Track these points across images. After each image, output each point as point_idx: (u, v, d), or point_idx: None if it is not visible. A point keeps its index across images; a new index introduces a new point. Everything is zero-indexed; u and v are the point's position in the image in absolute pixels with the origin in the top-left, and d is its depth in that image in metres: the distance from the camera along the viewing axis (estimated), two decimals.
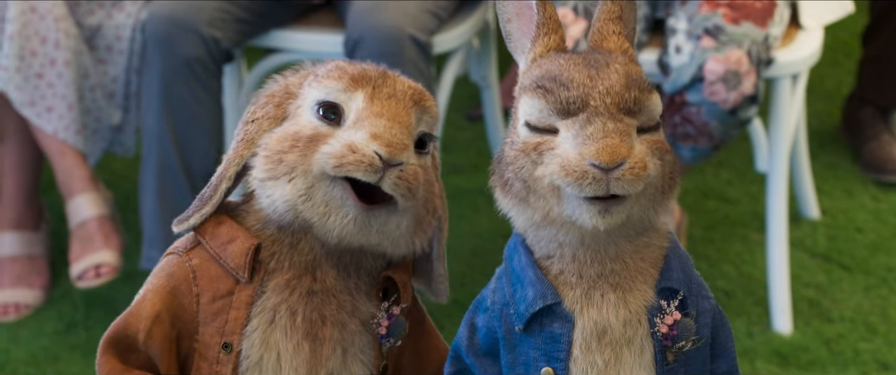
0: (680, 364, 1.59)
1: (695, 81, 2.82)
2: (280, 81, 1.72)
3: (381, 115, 1.61)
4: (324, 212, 1.60)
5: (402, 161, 1.59)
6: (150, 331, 1.65)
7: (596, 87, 1.54)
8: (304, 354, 1.67)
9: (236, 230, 1.66)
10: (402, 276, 1.71)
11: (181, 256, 1.69)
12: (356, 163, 1.57)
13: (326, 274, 1.67)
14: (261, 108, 1.70)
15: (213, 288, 1.66)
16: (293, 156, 1.61)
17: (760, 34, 2.84)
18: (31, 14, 3.01)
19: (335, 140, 1.60)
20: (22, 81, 3.02)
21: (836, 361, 2.92)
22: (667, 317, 1.57)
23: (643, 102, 1.56)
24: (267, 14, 3.08)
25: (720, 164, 3.70)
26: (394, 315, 1.69)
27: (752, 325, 3.03)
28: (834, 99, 4.01)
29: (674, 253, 1.62)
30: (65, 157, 3.09)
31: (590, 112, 1.52)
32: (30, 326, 3.10)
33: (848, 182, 3.60)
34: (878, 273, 3.22)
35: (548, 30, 1.62)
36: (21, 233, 3.22)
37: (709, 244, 3.35)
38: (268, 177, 1.62)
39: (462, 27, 3.11)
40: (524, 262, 1.61)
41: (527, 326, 1.60)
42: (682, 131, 2.89)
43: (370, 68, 1.67)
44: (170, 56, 2.94)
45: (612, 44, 1.62)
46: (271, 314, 1.66)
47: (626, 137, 1.52)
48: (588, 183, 1.49)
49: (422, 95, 1.66)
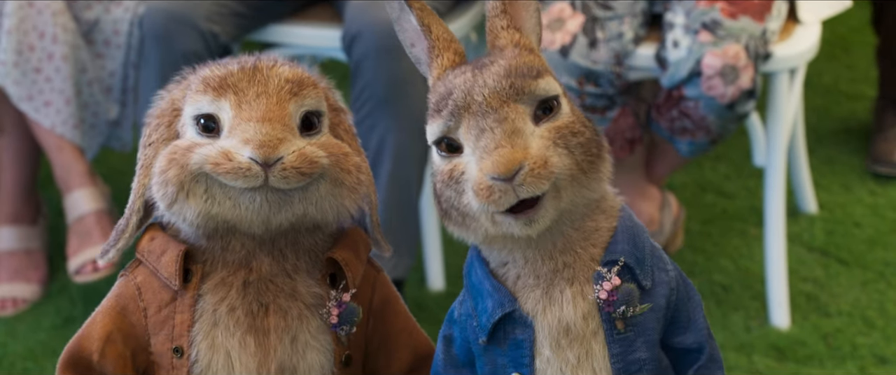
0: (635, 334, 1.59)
1: (692, 76, 2.82)
2: (166, 97, 1.71)
3: (250, 119, 1.59)
4: (233, 205, 1.60)
5: (281, 155, 1.57)
6: (102, 351, 1.69)
7: (477, 83, 1.54)
8: (251, 348, 1.66)
9: (167, 241, 1.68)
10: (345, 255, 1.69)
11: (127, 276, 1.72)
12: (233, 171, 1.56)
13: (261, 262, 1.66)
14: (155, 131, 1.69)
15: (157, 300, 1.68)
16: (174, 172, 1.60)
17: (758, 29, 2.84)
18: (29, 8, 3.01)
19: (211, 146, 1.60)
20: (19, 76, 3.02)
21: (833, 355, 2.92)
22: (605, 284, 1.57)
23: (525, 87, 1.54)
24: (265, 9, 3.08)
25: (718, 159, 3.70)
26: (344, 302, 1.67)
27: (749, 319, 3.03)
28: (832, 93, 4.01)
29: (622, 227, 1.61)
30: (62, 152, 3.09)
31: (475, 112, 1.52)
32: (27, 320, 3.10)
33: (846, 176, 3.60)
34: (876, 267, 3.22)
35: (438, 51, 1.63)
36: (19, 228, 3.22)
37: (706, 238, 3.35)
38: (168, 203, 1.62)
39: (460, 22, 3.10)
40: (480, 274, 1.62)
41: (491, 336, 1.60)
42: (680, 125, 2.90)
43: (235, 70, 1.64)
44: (167, 51, 2.94)
45: (503, 39, 1.62)
46: (212, 315, 1.66)
47: (517, 139, 1.50)
48: (496, 197, 1.49)
49: (298, 85, 1.64)
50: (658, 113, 2.94)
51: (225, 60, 1.69)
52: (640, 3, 2.97)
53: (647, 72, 2.97)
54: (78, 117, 3.08)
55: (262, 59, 1.67)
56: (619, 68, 2.91)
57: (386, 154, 2.88)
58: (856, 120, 3.87)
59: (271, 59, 1.67)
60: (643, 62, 2.95)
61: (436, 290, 3.16)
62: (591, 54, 2.89)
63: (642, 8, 2.98)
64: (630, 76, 2.96)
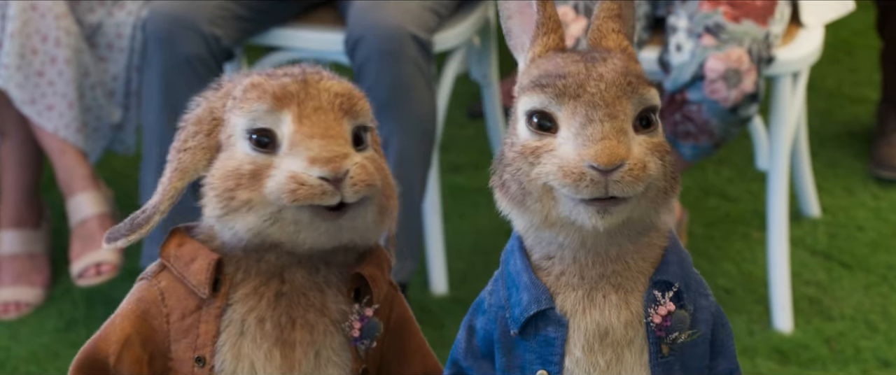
0: (676, 359, 1.59)
1: (695, 79, 2.82)
2: (203, 104, 1.69)
3: (313, 135, 1.58)
4: (294, 231, 1.59)
5: (348, 168, 1.57)
6: (120, 355, 1.67)
7: (592, 74, 1.53)
8: (277, 361, 1.65)
9: (197, 248, 1.66)
10: (372, 271, 1.69)
11: (150, 280, 1.69)
12: (309, 195, 1.56)
13: (294, 274, 1.66)
14: (192, 137, 1.67)
15: (181, 306, 1.66)
16: (243, 193, 1.59)
17: (761, 32, 2.84)
18: (32, 12, 3.01)
19: (277, 172, 1.58)
20: (22, 79, 3.02)
21: (836, 359, 2.92)
22: (660, 308, 1.57)
23: (639, 90, 1.55)
24: (268, 12, 3.08)
25: (721, 162, 3.70)
26: (366, 316, 1.67)
27: (752, 323, 3.03)
28: (834, 97, 4.01)
29: (672, 249, 1.62)
30: (65, 155, 3.09)
31: (586, 102, 1.51)
32: (30, 324, 3.10)
33: (848, 180, 3.60)
34: (879, 271, 3.22)
35: (547, 29, 1.62)
36: (22, 231, 3.22)
37: (709, 242, 3.35)
38: (224, 213, 1.61)
39: (463, 25, 3.11)
40: (520, 266, 1.60)
41: (522, 330, 1.59)
42: (683, 129, 2.90)
43: (289, 80, 1.62)
44: (170, 54, 2.94)
45: (611, 42, 1.62)
46: (239, 325, 1.65)
47: (624, 137, 1.50)
48: (585, 185, 1.48)
49: (350, 101, 1.63)
50: (661, 117, 2.93)
51: (268, 71, 1.67)
52: (643, 6, 2.97)
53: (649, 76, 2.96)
54: (81, 121, 3.08)
55: (307, 71, 1.65)
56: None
57: (389, 157, 2.88)
58: (859, 123, 3.87)
59: (316, 72, 1.65)
60: (646, 66, 2.93)
61: (439, 294, 3.16)
62: None
63: (645, 11, 2.98)
64: None
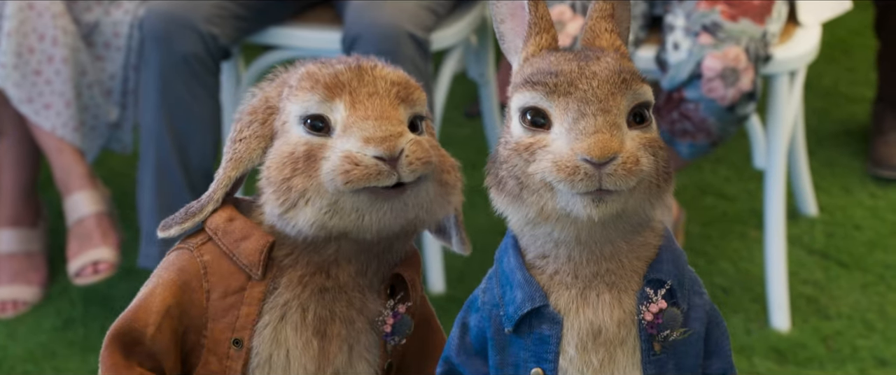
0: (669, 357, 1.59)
1: (693, 78, 2.82)
2: (259, 94, 1.69)
3: (368, 117, 1.59)
4: (357, 217, 1.59)
5: (402, 146, 1.57)
6: (159, 325, 1.63)
7: (584, 73, 1.53)
8: (313, 351, 1.65)
9: (251, 227, 1.64)
10: (411, 273, 1.69)
11: (192, 251, 1.66)
12: (364, 176, 1.55)
13: (342, 270, 1.65)
14: (247, 127, 1.67)
15: (224, 284, 1.64)
16: (299, 180, 1.59)
17: (758, 31, 2.84)
18: (29, 11, 3.01)
19: (332, 153, 1.58)
20: (20, 78, 3.02)
21: (833, 358, 2.92)
22: (652, 305, 1.57)
23: (633, 85, 1.55)
24: (265, 11, 3.08)
25: (718, 161, 3.70)
26: (399, 313, 1.68)
27: (749, 322, 3.03)
28: (832, 96, 4.02)
29: (666, 247, 1.62)
30: (62, 154, 3.09)
31: (579, 97, 1.51)
32: (28, 323, 3.10)
33: (846, 179, 3.60)
34: (876, 270, 3.22)
35: (539, 29, 1.62)
36: (19, 230, 3.22)
37: (707, 241, 3.35)
38: (285, 209, 1.60)
39: (460, 24, 3.11)
40: (514, 264, 1.60)
41: (516, 328, 1.59)
42: (680, 128, 2.90)
43: (343, 69, 1.63)
44: (168, 53, 2.94)
45: (604, 42, 1.62)
46: (282, 310, 1.64)
47: (617, 131, 1.50)
48: (580, 178, 1.48)
49: (406, 89, 1.63)
50: (658, 115, 2.94)
51: (324, 59, 1.68)
52: (641, 5, 2.97)
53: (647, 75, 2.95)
54: (78, 119, 3.08)
55: (362, 61, 1.66)
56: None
57: None
58: (856, 122, 3.88)
59: (372, 62, 1.66)
60: (643, 64, 2.95)
61: (436, 292, 3.16)
62: None
63: (642, 10, 2.98)
64: None
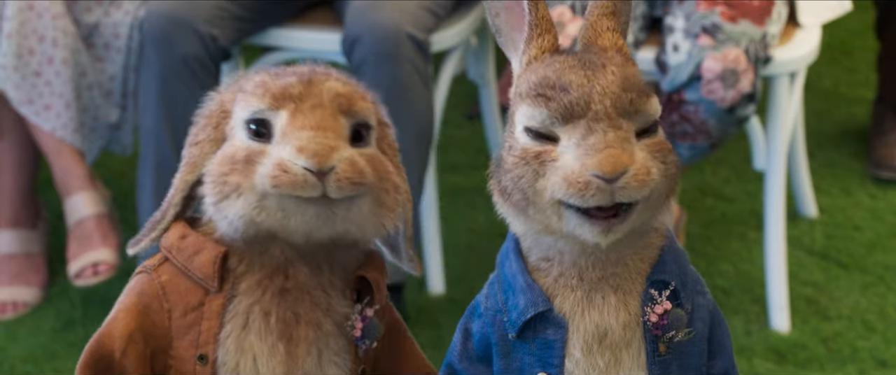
0: (673, 357, 1.58)
1: (692, 80, 2.82)
2: (216, 98, 1.70)
3: (304, 127, 1.59)
4: (282, 217, 1.60)
5: (333, 164, 1.57)
6: (124, 351, 1.65)
7: (595, 88, 1.51)
8: (280, 355, 1.65)
9: (202, 241, 1.66)
10: (375, 274, 1.69)
11: (150, 274, 1.68)
12: (290, 183, 1.56)
13: (299, 271, 1.65)
14: (202, 131, 1.68)
15: (183, 302, 1.66)
16: (235, 177, 1.60)
17: (758, 32, 2.84)
18: (29, 12, 3.01)
19: (267, 158, 1.59)
20: (19, 79, 3.02)
21: (833, 359, 2.92)
22: (657, 306, 1.56)
23: (640, 105, 1.53)
24: (265, 12, 3.08)
25: (718, 162, 3.70)
26: (367, 316, 1.67)
27: (749, 323, 3.03)
28: (832, 97, 4.02)
29: (669, 248, 1.61)
30: (62, 155, 3.09)
31: (591, 117, 1.49)
32: (27, 324, 3.10)
33: (846, 180, 3.60)
34: (876, 271, 3.22)
35: (541, 30, 1.59)
36: (18, 231, 3.22)
37: (707, 242, 3.35)
38: (218, 199, 1.62)
39: (460, 25, 3.11)
40: (516, 269, 1.59)
41: (520, 333, 1.58)
42: (680, 129, 2.90)
43: (295, 81, 1.63)
44: (168, 54, 2.94)
45: (606, 41, 1.59)
46: (244, 317, 1.65)
47: (627, 145, 1.49)
48: (592, 194, 1.47)
49: (349, 100, 1.64)
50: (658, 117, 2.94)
51: (280, 68, 1.68)
52: (640, 6, 2.97)
53: (646, 76, 2.96)
54: (78, 121, 3.08)
55: (316, 71, 1.66)
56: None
57: None
58: (856, 123, 3.88)
59: (324, 72, 1.66)
60: (643, 66, 2.95)
61: (436, 294, 3.16)
62: None
63: (642, 12, 2.98)
64: None
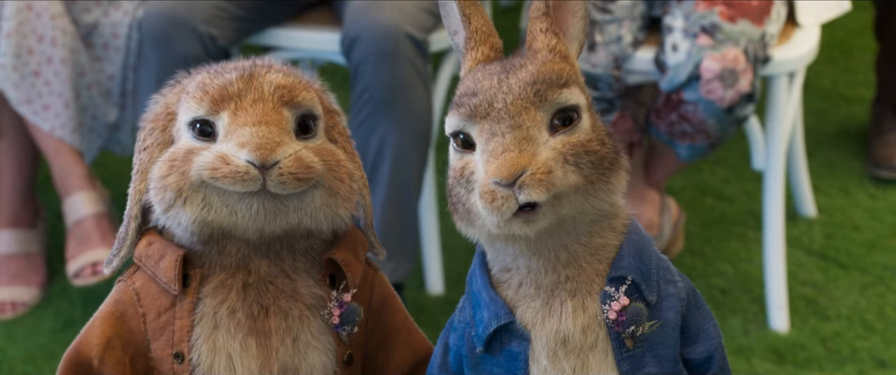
0: (644, 351, 1.59)
1: (691, 79, 2.82)
2: (160, 101, 1.71)
3: (247, 123, 1.60)
4: (228, 213, 1.61)
5: (278, 158, 1.58)
6: (102, 357, 1.68)
7: (501, 89, 1.52)
8: (253, 350, 1.67)
9: (165, 246, 1.68)
10: (345, 254, 1.69)
11: (126, 281, 1.71)
12: (231, 175, 1.57)
13: (259, 264, 1.67)
14: (149, 135, 1.70)
15: (156, 305, 1.68)
16: (173, 178, 1.61)
17: (757, 32, 2.84)
18: (28, 12, 3.01)
19: (208, 152, 1.60)
20: (18, 79, 3.02)
21: (832, 359, 2.92)
22: (614, 303, 1.57)
23: (548, 95, 1.52)
24: (264, 12, 3.08)
25: (717, 162, 3.70)
26: (345, 302, 1.68)
27: (748, 323, 3.03)
28: (831, 97, 4.02)
29: (628, 241, 1.60)
30: (61, 155, 3.09)
31: (493, 118, 1.51)
32: (27, 324, 3.10)
33: (845, 180, 3.60)
34: (875, 271, 3.22)
35: (475, 43, 1.61)
36: (18, 231, 3.22)
37: (705, 242, 3.35)
38: (165, 207, 1.63)
39: None
40: (480, 284, 1.62)
41: (487, 346, 1.60)
42: (680, 129, 2.90)
43: (232, 79, 1.64)
44: (166, 54, 2.94)
45: (540, 42, 1.59)
46: (212, 318, 1.67)
47: (526, 145, 1.49)
48: (498, 204, 1.49)
49: (291, 92, 1.64)
50: (657, 117, 2.94)
51: (221, 65, 1.69)
52: (639, 6, 2.97)
53: (646, 76, 2.97)
54: (77, 120, 3.08)
55: (257, 65, 1.67)
56: (617, 72, 2.91)
57: (385, 157, 2.88)
58: (855, 123, 3.88)
59: (266, 65, 1.67)
60: (642, 66, 2.95)
61: (435, 294, 3.16)
62: (589, 58, 2.89)
63: (641, 11, 2.98)
64: (629, 80, 2.96)
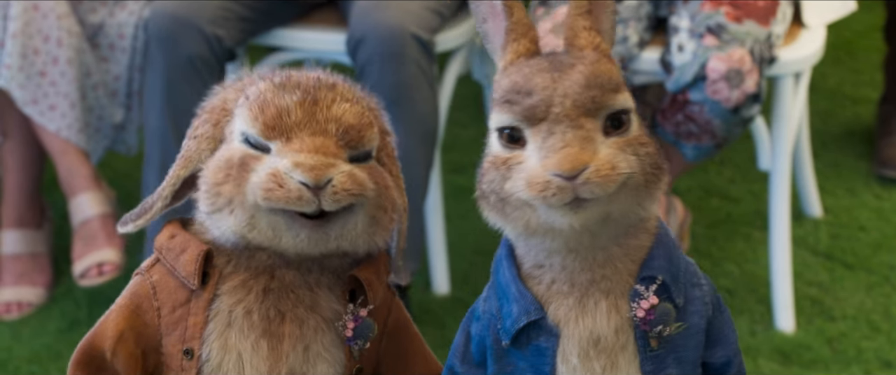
0: (667, 352, 1.58)
1: (697, 80, 2.82)
2: (219, 93, 1.70)
3: (302, 150, 1.59)
4: (273, 237, 1.61)
5: (331, 177, 1.57)
6: (114, 350, 1.67)
7: (557, 90, 1.51)
8: (263, 352, 1.66)
9: (188, 240, 1.67)
10: (368, 274, 1.69)
11: (143, 275, 1.70)
12: (283, 197, 1.56)
13: (285, 273, 1.67)
14: (202, 125, 1.69)
15: (171, 299, 1.67)
16: (228, 187, 1.61)
17: (763, 32, 2.84)
18: (34, 12, 3.01)
19: (262, 167, 1.59)
20: (24, 79, 3.02)
21: (838, 359, 2.92)
22: (643, 302, 1.56)
23: (605, 101, 1.52)
24: (270, 12, 3.08)
25: (723, 163, 3.70)
26: (360, 317, 1.67)
27: (754, 323, 3.03)
28: (836, 97, 4.01)
29: (659, 243, 1.60)
30: (67, 156, 3.09)
31: (552, 119, 1.50)
32: (32, 324, 3.10)
33: (851, 180, 3.60)
34: (881, 271, 3.22)
35: (516, 35, 1.59)
36: (24, 232, 3.22)
37: (711, 242, 3.35)
38: (211, 210, 1.63)
39: (465, 25, 3.10)
40: (508, 277, 1.60)
41: (514, 340, 1.59)
42: (685, 129, 2.89)
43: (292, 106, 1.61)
44: (172, 54, 2.94)
45: (583, 40, 1.58)
46: (227, 316, 1.66)
47: (587, 143, 1.49)
48: (552, 193, 1.47)
49: (359, 134, 1.63)
50: (663, 117, 2.94)
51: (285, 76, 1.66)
52: (645, 6, 2.97)
53: (651, 77, 2.97)
54: (83, 121, 3.08)
55: (322, 85, 1.64)
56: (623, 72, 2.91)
57: None
58: (861, 123, 3.87)
59: (331, 87, 1.64)
60: (648, 66, 2.94)
61: (441, 294, 3.16)
62: None
63: (647, 12, 2.97)
64: (635, 80, 2.95)
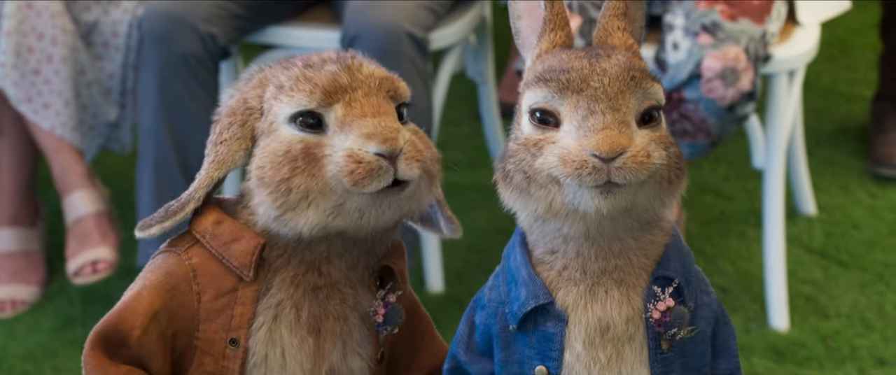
0: (676, 355, 1.59)
1: (692, 78, 2.82)
2: (236, 95, 1.69)
3: (365, 115, 1.59)
4: (359, 216, 1.60)
5: (401, 145, 1.58)
6: (146, 328, 1.64)
7: (595, 69, 1.54)
8: (309, 348, 1.66)
9: (240, 229, 1.64)
10: (399, 263, 1.70)
11: (180, 255, 1.66)
12: (368, 175, 1.56)
13: (333, 267, 1.66)
14: (227, 129, 1.66)
15: (215, 286, 1.65)
16: (300, 180, 1.59)
17: (758, 31, 2.84)
18: (28, 10, 3.01)
19: (333, 151, 1.58)
20: (18, 78, 3.02)
21: (832, 357, 2.92)
22: (659, 303, 1.57)
23: (643, 84, 1.54)
24: (264, 10, 3.08)
25: (717, 160, 3.70)
26: (390, 303, 1.68)
27: (748, 321, 3.04)
28: (831, 95, 4.02)
29: (674, 245, 1.62)
30: (61, 154, 3.09)
31: (589, 96, 1.52)
32: (26, 322, 3.10)
33: (845, 178, 3.60)
34: (875, 269, 3.22)
35: (554, 26, 1.62)
36: (17, 230, 3.22)
37: (706, 240, 3.35)
38: (282, 211, 1.60)
39: (459, 23, 3.10)
40: (519, 261, 1.61)
41: (521, 325, 1.60)
42: (680, 128, 2.90)
43: (337, 71, 1.63)
44: (166, 52, 2.94)
45: (616, 40, 1.62)
46: (276, 311, 1.65)
47: (625, 128, 1.51)
48: (588, 172, 1.49)
49: (393, 84, 1.64)
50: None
51: (308, 58, 1.67)
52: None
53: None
54: (77, 119, 3.08)
55: (347, 57, 1.66)
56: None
57: None
58: (855, 121, 3.88)
59: (354, 56, 1.66)
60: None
61: (435, 292, 3.16)
62: None
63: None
64: None
